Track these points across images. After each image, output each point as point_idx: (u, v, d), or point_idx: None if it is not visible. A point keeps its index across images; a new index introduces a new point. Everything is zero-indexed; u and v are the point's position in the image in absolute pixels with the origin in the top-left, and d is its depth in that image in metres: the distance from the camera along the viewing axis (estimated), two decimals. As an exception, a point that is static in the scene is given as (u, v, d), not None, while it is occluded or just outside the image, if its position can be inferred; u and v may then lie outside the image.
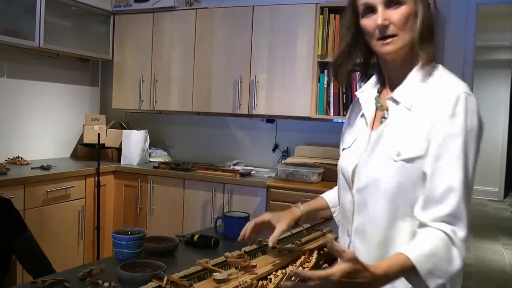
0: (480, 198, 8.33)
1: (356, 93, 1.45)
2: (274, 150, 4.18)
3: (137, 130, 4.25)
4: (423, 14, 1.23)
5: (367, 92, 1.42)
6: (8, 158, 3.80)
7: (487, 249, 5.51)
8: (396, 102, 1.29)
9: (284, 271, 1.47)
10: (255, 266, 1.47)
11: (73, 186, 3.62)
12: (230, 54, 3.93)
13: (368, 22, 1.26)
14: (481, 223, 6.73)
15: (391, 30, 1.23)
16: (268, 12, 3.79)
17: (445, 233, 1.14)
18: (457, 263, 1.13)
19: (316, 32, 3.62)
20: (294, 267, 1.52)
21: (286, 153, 4.08)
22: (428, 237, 1.15)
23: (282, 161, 3.86)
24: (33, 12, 3.58)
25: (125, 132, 4.21)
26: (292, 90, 3.73)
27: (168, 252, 1.79)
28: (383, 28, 1.23)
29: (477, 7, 3.54)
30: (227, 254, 1.52)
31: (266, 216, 1.59)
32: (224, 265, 1.52)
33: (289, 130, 4.13)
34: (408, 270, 1.10)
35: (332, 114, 3.60)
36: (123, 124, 4.47)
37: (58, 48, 3.89)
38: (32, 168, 3.55)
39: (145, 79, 4.24)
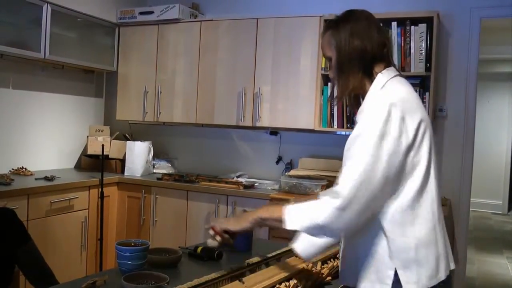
0: (484, 211, 8.29)
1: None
2: (277, 162, 4.18)
3: (141, 141, 4.26)
4: (335, 58, 1.53)
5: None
6: (12, 169, 3.81)
7: (491, 263, 5.48)
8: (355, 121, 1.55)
9: (287, 283, 1.47)
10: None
11: (77, 197, 3.63)
12: (234, 66, 3.95)
13: None
14: (485, 236, 6.70)
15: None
16: (272, 24, 3.82)
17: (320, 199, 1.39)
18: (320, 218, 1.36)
19: (320, 45, 3.63)
20: (296, 278, 1.51)
21: (290, 165, 4.08)
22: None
23: (286, 173, 3.86)
24: (38, 24, 3.62)
25: (129, 143, 4.22)
26: (296, 103, 3.74)
27: (171, 264, 1.78)
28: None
29: (480, 21, 3.56)
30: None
31: None
32: (227, 278, 1.52)
33: (293, 143, 4.13)
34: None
35: (335, 126, 3.61)
36: (127, 135, 4.48)
37: (63, 60, 3.92)
38: (36, 179, 3.56)
39: (149, 90, 4.26)
